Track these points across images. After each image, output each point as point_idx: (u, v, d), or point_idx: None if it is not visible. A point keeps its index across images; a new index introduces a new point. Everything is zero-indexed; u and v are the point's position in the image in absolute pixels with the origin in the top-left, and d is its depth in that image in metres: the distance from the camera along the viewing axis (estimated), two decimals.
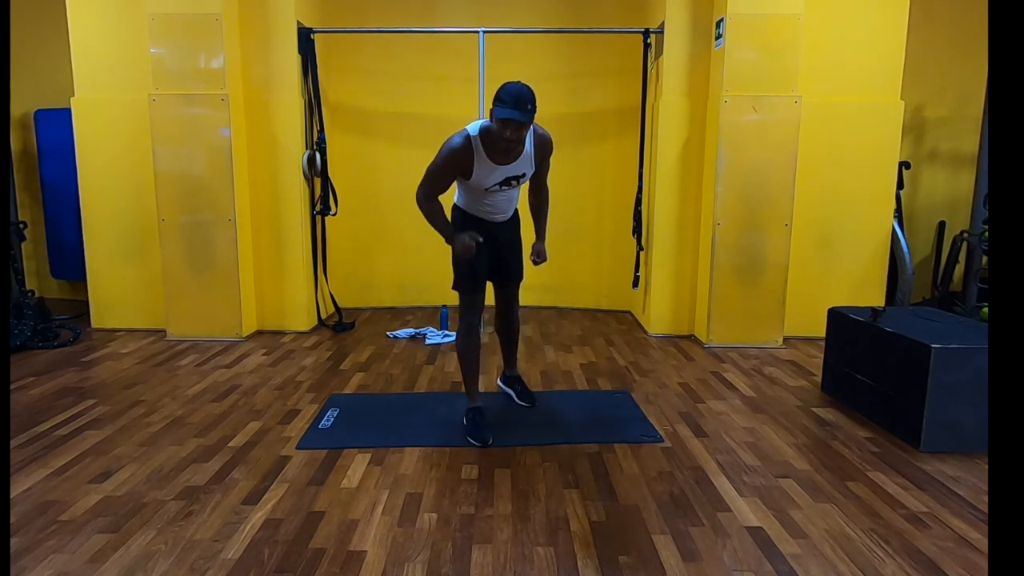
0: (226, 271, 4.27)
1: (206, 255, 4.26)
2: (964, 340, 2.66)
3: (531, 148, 2.58)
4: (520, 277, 2.98)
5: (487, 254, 2.74)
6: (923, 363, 2.61)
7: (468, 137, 2.50)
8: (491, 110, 2.41)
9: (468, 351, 2.83)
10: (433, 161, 2.57)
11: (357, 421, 2.97)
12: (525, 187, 2.86)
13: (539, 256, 2.87)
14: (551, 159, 2.77)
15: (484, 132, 2.50)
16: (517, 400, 3.11)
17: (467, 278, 2.78)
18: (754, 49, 3.97)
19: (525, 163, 2.59)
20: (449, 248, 2.71)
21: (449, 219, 2.76)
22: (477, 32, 4.51)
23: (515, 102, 2.33)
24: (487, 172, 2.54)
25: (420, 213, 2.65)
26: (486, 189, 2.60)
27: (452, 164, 2.53)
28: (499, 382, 3.28)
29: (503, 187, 2.62)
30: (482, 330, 3.26)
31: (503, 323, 3.09)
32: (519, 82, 2.40)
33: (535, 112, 2.40)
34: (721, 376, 3.65)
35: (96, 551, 1.94)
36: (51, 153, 5.32)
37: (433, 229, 2.69)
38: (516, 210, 2.87)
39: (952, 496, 2.30)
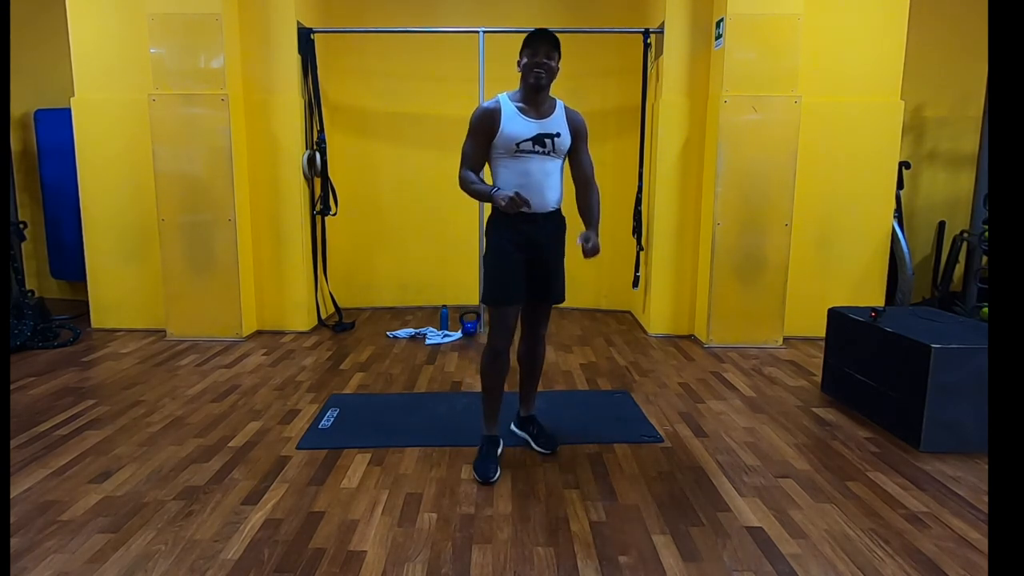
0: (226, 271, 4.27)
1: (206, 255, 4.26)
2: (964, 340, 2.66)
3: (563, 114, 2.50)
4: (561, 297, 2.60)
5: (524, 259, 2.46)
6: (923, 363, 2.61)
7: (496, 100, 2.47)
8: (519, 58, 2.42)
9: (492, 375, 2.54)
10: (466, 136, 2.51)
11: (357, 421, 2.97)
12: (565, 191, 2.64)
13: (587, 241, 2.45)
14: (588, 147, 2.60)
15: (511, 94, 2.48)
16: (534, 445, 2.68)
17: (500, 287, 2.47)
18: (754, 49, 3.97)
19: (559, 122, 2.47)
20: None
21: (486, 230, 2.54)
22: (477, 32, 4.52)
23: (542, 31, 2.38)
24: (518, 124, 2.41)
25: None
26: (518, 147, 2.40)
27: (481, 123, 2.43)
28: (513, 427, 2.81)
29: (536, 147, 2.41)
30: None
31: (527, 348, 2.68)
32: None
33: (560, 51, 2.40)
34: (721, 376, 3.65)
35: (96, 551, 1.94)
36: (51, 153, 5.33)
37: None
38: (560, 212, 2.54)
39: (952, 496, 2.30)
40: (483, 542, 2.00)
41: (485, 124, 2.42)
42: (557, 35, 2.40)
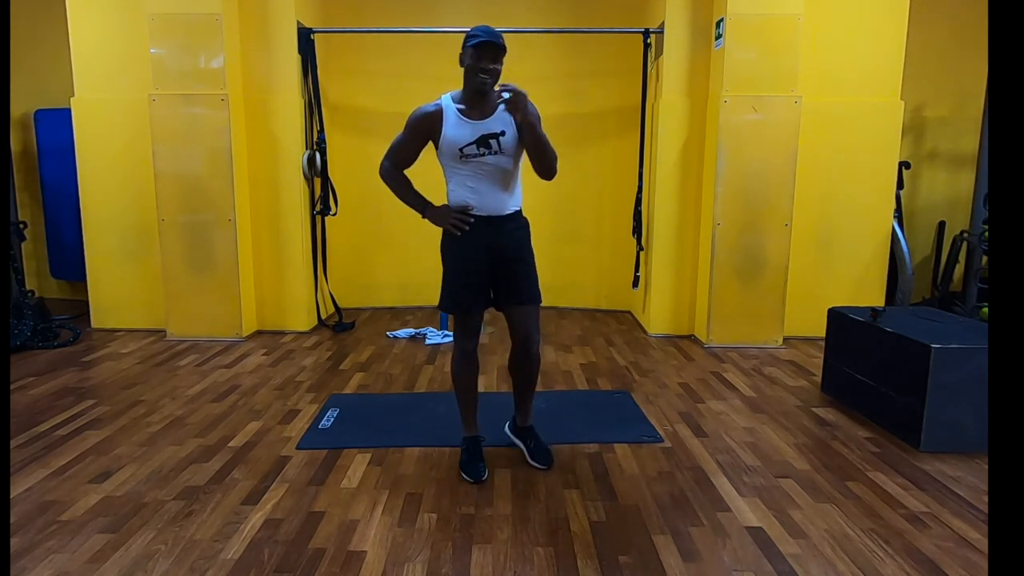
0: (226, 271, 4.27)
1: (206, 255, 4.26)
2: (964, 340, 2.65)
3: (504, 107, 2.36)
4: (535, 299, 2.47)
5: (482, 262, 2.41)
6: (923, 363, 2.61)
7: (439, 103, 2.38)
8: (461, 54, 2.31)
9: (462, 378, 2.53)
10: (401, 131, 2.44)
11: (357, 421, 2.97)
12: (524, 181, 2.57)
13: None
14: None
15: (455, 94, 2.39)
16: (530, 460, 2.55)
17: (456, 295, 2.44)
18: (754, 49, 3.97)
19: (502, 120, 2.33)
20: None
21: (443, 233, 2.47)
22: None
23: (487, 32, 2.25)
24: (460, 129, 2.32)
25: (421, 214, 2.53)
26: (462, 151, 2.31)
27: (418, 125, 2.36)
28: (507, 431, 2.72)
29: (481, 149, 2.31)
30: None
31: (517, 361, 2.53)
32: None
33: (506, 50, 2.27)
34: (721, 376, 3.65)
35: (96, 551, 1.94)
36: (51, 153, 5.32)
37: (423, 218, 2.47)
38: (521, 213, 2.47)
39: (952, 496, 2.30)
40: (483, 542, 2.00)
41: (423, 127, 2.36)
42: (502, 37, 2.26)
